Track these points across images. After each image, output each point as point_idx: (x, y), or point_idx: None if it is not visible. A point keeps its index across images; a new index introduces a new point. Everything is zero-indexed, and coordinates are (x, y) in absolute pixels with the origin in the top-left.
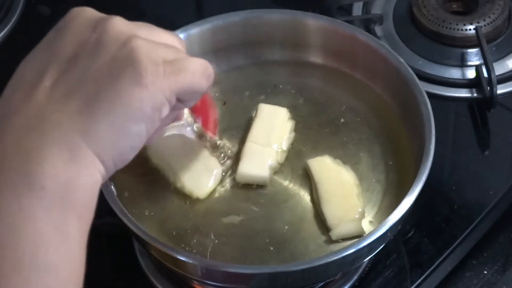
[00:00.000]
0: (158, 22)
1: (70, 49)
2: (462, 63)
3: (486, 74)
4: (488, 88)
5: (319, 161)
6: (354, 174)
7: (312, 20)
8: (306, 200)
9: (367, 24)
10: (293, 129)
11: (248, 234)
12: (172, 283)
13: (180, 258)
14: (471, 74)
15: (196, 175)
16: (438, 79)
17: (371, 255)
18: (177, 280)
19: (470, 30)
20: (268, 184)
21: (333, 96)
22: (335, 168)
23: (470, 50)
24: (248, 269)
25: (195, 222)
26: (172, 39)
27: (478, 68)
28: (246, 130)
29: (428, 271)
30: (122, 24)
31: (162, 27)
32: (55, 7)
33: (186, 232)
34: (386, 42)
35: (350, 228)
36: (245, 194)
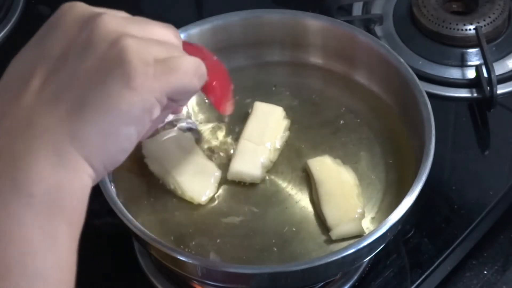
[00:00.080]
0: None
1: (59, 47)
2: (462, 63)
3: (486, 74)
4: (488, 88)
5: (319, 161)
6: (354, 174)
7: (312, 20)
8: (306, 200)
9: (367, 24)
10: (287, 128)
11: (248, 235)
12: (172, 283)
13: (180, 258)
14: (471, 74)
15: (196, 182)
16: (438, 79)
17: (371, 255)
18: (177, 280)
19: (470, 30)
20: (259, 182)
21: (333, 96)
22: (335, 168)
23: (470, 50)
24: (248, 269)
25: (195, 222)
26: (166, 33)
27: (478, 68)
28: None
29: (428, 271)
30: (112, 21)
31: None
32: (55, 7)
33: (186, 232)
34: (386, 42)
35: (350, 228)
36: (245, 195)
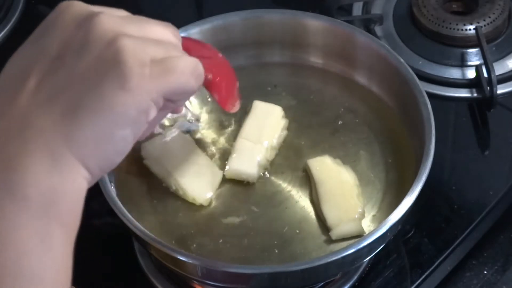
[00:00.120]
0: None
1: (56, 47)
2: (462, 63)
3: (486, 74)
4: (488, 88)
5: (319, 161)
6: (354, 174)
7: (312, 20)
8: (306, 200)
9: (367, 24)
10: (286, 127)
11: (248, 235)
12: (172, 283)
13: (180, 258)
14: (471, 74)
15: (198, 183)
16: (438, 79)
17: (371, 255)
18: (177, 280)
19: (470, 30)
20: (256, 180)
21: (333, 96)
22: (335, 168)
23: (470, 50)
24: (248, 269)
25: (195, 222)
26: (165, 32)
27: (478, 68)
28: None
29: (428, 271)
30: (109, 21)
31: None
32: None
33: (186, 232)
34: (386, 42)
35: (350, 228)
36: (245, 195)
